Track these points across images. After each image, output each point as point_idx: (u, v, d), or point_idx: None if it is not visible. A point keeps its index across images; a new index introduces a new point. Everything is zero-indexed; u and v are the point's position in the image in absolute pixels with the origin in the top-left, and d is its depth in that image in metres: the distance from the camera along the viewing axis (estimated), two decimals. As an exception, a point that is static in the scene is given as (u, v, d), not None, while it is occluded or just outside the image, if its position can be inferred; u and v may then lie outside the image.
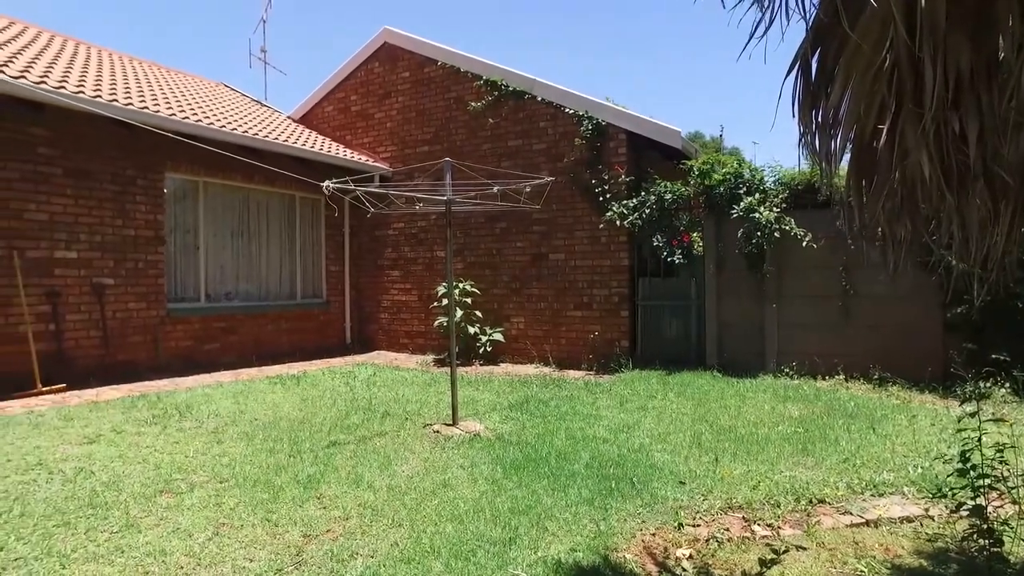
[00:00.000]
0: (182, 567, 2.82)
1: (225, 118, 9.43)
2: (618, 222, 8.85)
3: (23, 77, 6.66)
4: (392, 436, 5.05)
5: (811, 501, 3.67)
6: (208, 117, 8.90)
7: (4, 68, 6.66)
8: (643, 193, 8.82)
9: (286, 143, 9.58)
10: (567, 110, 9.45)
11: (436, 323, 9.87)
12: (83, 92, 7.22)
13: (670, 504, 3.60)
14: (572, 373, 8.74)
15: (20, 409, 5.96)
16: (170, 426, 5.33)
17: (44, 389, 6.73)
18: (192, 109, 9.04)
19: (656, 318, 8.97)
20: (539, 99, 9.69)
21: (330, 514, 3.40)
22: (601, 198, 9.08)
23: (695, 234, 8.65)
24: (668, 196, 8.63)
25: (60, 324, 7.35)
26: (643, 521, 3.38)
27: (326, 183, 4.69)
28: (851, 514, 3.50)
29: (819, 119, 1.94)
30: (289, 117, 12.49)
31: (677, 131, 8.75)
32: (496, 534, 3.14)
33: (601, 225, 9.10)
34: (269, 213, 10.11)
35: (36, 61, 7.89)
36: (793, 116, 1.94)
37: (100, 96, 7.39)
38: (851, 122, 1.81)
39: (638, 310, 9.06)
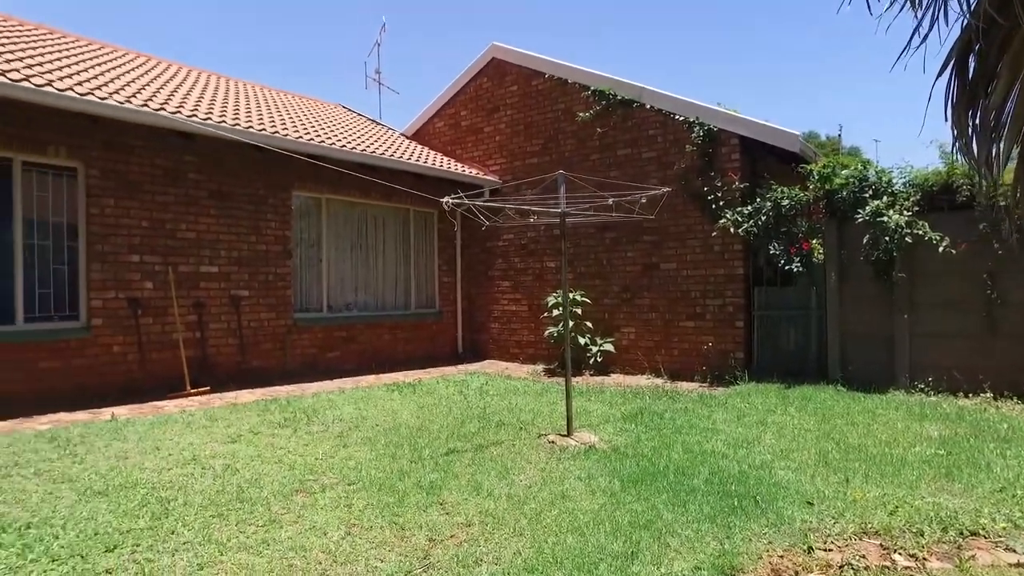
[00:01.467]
0: (320, 563, 2.99)
1: (345, 138, 9.99)
2: (732, 230, 8.57)
3: (179, 112, 7.39)
4: (508, 445, 5.13)
5: (962, 532, 3.37)
6: (331, 138, 9.46)
7: (165, 106, 7.41)
8: (758, 199, 8.50)
9: (401, 159, 10.01)
10: (677, 117, 9.28)
11: (546, 333, 9.93)
12: (225, 121, 7.89)
13: (798, 525, 3.43)
14: (685, 385, 8.53)
15: (174, 408, 6.58)
16: (300, 429, 5.68)
17: (192, 391, 7.39)
18: (316, 131, 9.64)
19: (773, 329, 8.59)
20: (648, 107, 9.58)
21: (453, 520, 3.50)
22: (714, 206, 8.83)
23: (815, 241, 8.23)
24: (785, 202, 8.27)
25: (204, 332, 8.04)
26: (769, 542, 3.25)
27: (445, 199, 4.87)
28: (1015, 552, 3.18)
29: (977, 121, 1.81)
30: (402, 134, 13.04)
31: (795, 134, 8.39)
32: (617, 548, 3.12)
33: (714, 233, 8.85)
34: (385, 227, 10.59)
35: (187, 97, 8.71)
36: (946, 120, 1.82)
37: (239, 123, 8.05)
38: (1019, 123, 1.68)
39: (754, 320, 8.72)
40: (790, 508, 3.66)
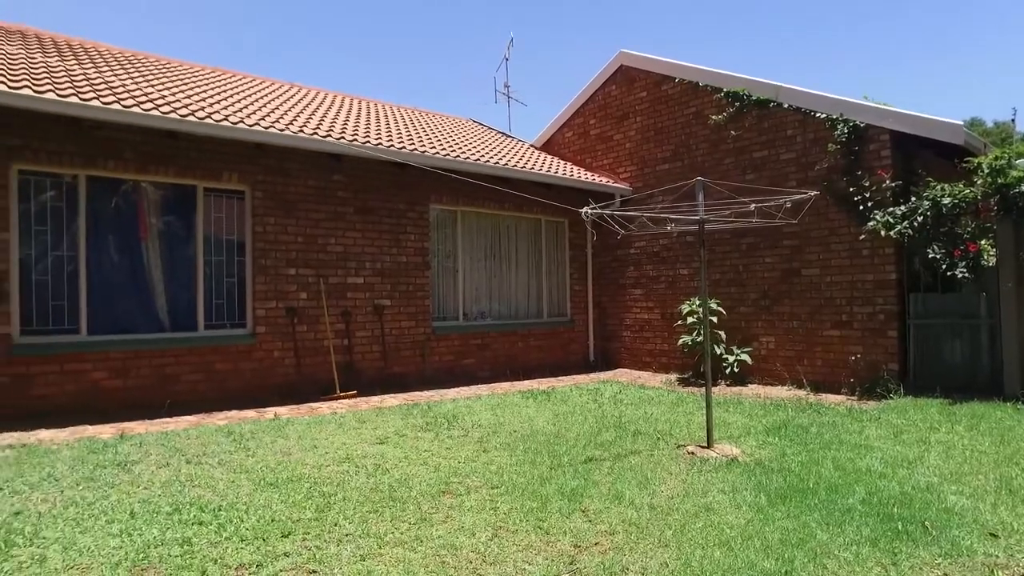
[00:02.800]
0: (471, 561, 3.14)
1: (479, 152, 10.36)
2: (883, 232, 7.98)
3: (329, 136, 8.03)
4: (646, 455, 5.10)
5: None
6: (465, 152, 9.85)
7: (317, 131, 8.08)
8: (913, 199, 7.87)
9: (532, 170, 10.23)
10: (817, 115, 8.81)
11: (680, 342, 9.72)
12: (368, 141, 8.46)
13: (979, 559, 3.14)
14: (830, 397, 8.03)
15: (327, 410, 7.12)
16: (441, 433, 5.95)
17: (341, 394, 7.95)
18: (451, 146, 10.08)
19: (933, 339, 7.89)
20: (786, 106, 9.16)
21: (596, 527, 3.54)
22: (861, 207, 8.28)
23: (983, 242, 7.48)
24: (947, 200, 7.59)
25: (351, 339, 8.64)
26: (945, 574, 3.01)
27: (584, 209, 4.95)
28: None
29: None
30: (531, 145, 13.30)
31: (957, 124, 7.68)
32: (769, 566, 3.02)
33: (862, 236, 8.29)
34: (517, 236, 10.85)
35: (335, 120, 9.43)
36: None
37: (380, 143, 8.60)
38: None
39: (909, 330, 8.05)
40: (968, 538, 3.36)
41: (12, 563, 3.03)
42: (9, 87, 5.98)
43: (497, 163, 9.85)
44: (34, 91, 6.10)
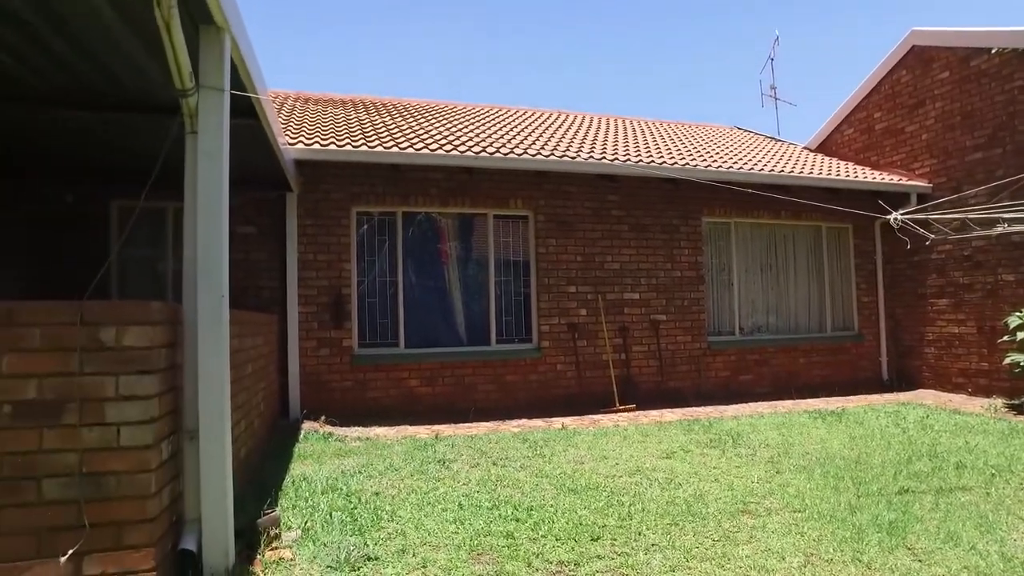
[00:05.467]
0: (785, 587, 3.06)
1: (749, 160, 9.97)
2: None
3: (603, 158, 8.43)
4: (980, 492, 4.45)
5: None
6: (737, 163, 9.56)
7: (592, 155, 8.55)
8: None
9: (811, 175, 9.55)
10: None
11: (1006, 360, 8.24)
12: (640, 159, 8.69)
13: None
14: None
15: (608, 423, 7.40)
16: (727, 451, 5.83)
17: (620, 407, 8.20)
18: (721, 157, 9.86)
19: None
20: None
21: (930, 570, 3.20)
22: None
23: None
24: None
25: (628, 354, 8.87)
26: None
27: (893, 215, 4.53)
28: None
29: None
30: (805, 148, 12.40)
31: None
32: None
33: None
34: (795, 246, 10.18)
35: (606, 143, 9.83)
36: None
37: (653, 160, 8.77)
38: None
39: None
40: None
41: (383, 533, 3.72)
42: (353, 147, 7.35)
43: (772, 170, 9.39)
44: (368, 147, 7.42)
